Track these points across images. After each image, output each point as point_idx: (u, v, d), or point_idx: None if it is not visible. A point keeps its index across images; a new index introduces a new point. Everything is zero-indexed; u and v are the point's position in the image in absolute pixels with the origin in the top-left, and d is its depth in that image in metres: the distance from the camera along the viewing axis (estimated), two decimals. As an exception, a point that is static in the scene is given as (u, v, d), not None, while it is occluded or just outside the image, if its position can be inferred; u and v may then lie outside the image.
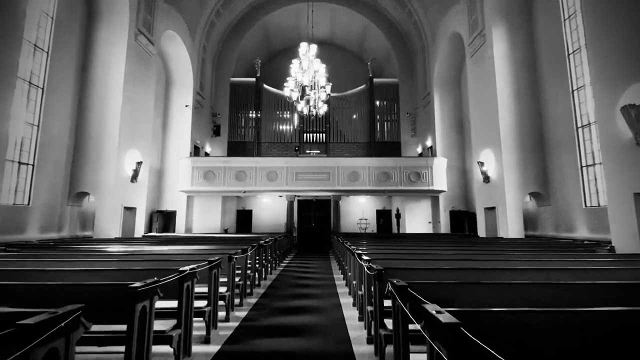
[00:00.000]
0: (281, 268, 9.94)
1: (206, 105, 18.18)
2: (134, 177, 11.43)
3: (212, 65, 18.80)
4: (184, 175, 14.60)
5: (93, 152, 10.59)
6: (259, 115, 19.39)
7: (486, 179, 11.42)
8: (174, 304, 3.38)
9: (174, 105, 16.34)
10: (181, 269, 3.07)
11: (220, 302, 4.63)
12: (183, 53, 15.67)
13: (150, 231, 14.94)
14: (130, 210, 11.63)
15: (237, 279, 5.31)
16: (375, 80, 19.52)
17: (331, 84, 9.82)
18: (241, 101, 19.59)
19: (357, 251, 4.83)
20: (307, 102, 9.28)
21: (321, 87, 9.61)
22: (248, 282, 6.25)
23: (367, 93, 19.76)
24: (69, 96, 10.52)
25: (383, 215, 19.20)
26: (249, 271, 6.25)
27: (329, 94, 9.67)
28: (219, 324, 4.31)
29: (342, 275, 8.56)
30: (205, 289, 4.06)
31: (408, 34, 18.78)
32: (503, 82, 10.93)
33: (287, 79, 8.88)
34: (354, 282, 5.31)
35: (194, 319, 3.50)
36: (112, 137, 10.65)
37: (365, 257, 4.06)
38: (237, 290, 5.31)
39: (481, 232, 11.95)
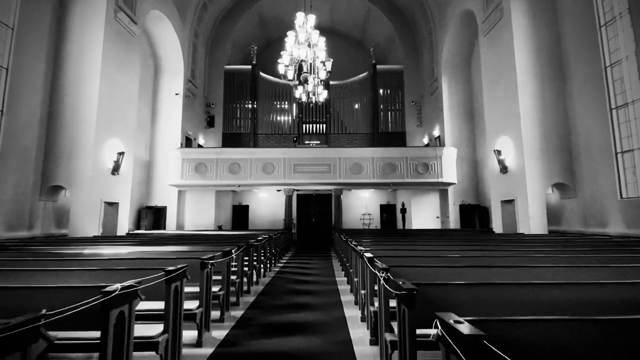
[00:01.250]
0: (277, 268, 8.92)
1: (199, 94, 17.08)
2: (116, 169, 10.37)
3: (204, 52, 17.67)
4: (174, 168, 13.56)
5: (67, 141, 9.53)
6: (255, 105, 18.29)
7: (503, 169, 10.34)
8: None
9: (163, 94, 15.26)
10: (107, 289, 2.02)
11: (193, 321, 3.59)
12: (172, 37, 14.55)
13: (138, 228, 13.94)
14: (112, 206, 10.59)
15: (216, 289, 4.26)
16: (378, 67, 18.37)
17: (332, 60, 8.69)
18: (236, 90, 18.48)
19: (366, 254, 3.77)
20: (305, 80, 8.18)
21: (320, 62, 8.50)
22: (233, 289, 5.22)
23: (369, 81, 18.63)
24: (40, 78, 9.44)
25: (387, 210, 18.16)
26: (234, 277, 5.21)
27: (329, 72, 8.56)
28: (186, 352, 3.27)
29: (345, 278, 7.53)
30: (159, 305, 2.99)
31: (414, 17, 17.59)
32: (524, 60, 9.81)
33: (282, 53, 7.77)
34: (363, 292, 4.27)
35: (138, 353, 2.46)
36: (88, 123, 9.58)
37: (380, 265, 2.99)
38: (218, 300, 4.28)
39: (497, 227, 10.90)
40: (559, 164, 9.49)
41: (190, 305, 3.45)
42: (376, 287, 3.22)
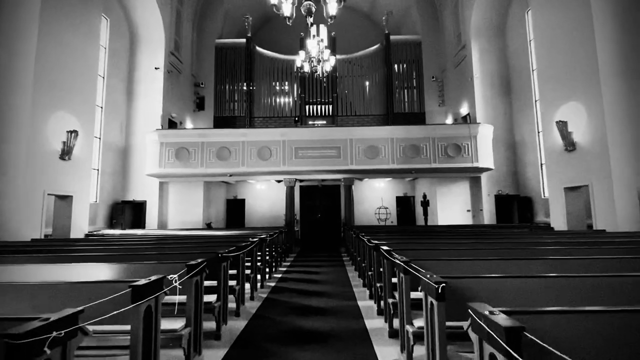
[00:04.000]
0: (274, 281, 6.58)
1: (185, 71, 14.71)
2: (66, 153, 8.07)
3: (192, 24, 15.27)
4: (152, 154, 11.24)
5: (-6, 114, 7.21)
6: (251, 84, 15.88)
7: (569, 145, 7.88)
8: None
9: (142, 70, 12.93)
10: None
11: None
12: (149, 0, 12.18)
13: (112, 226, 11.68)
14: (63, 200, 8.31)
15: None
16: (392, 37, 15.86)
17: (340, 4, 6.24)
18: (229, 68, 16.09)
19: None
20: (309, 12, 5.78)
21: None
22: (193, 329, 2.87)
23: (382, 54, 16.13)
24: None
25: (403, 203, 15.73)
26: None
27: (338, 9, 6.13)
28: None
29: (365, 289, 5.20)
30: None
31: (434, -23, 15.04)
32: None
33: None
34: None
35: None
36: (22, 89, 7.25)
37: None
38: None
39: (558, 222, 8.46)
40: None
41: None
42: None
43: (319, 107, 15.49)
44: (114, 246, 5.10)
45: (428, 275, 2.25)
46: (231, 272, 4.55)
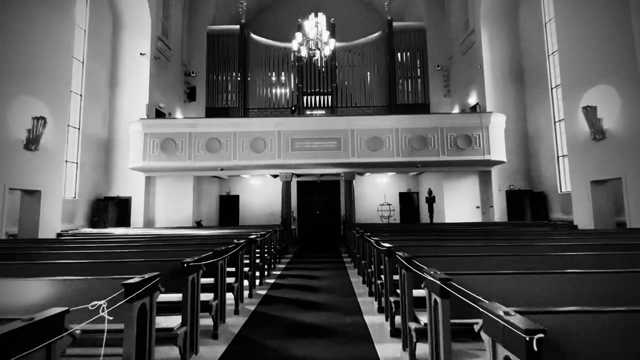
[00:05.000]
0: (266, 287, 5.72)
1: (175, 59, 13.79)
2: (32, 143, 7.15)
3: (182, 7, 14.34)
4: (135, 145, 10.34)
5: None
6: (245, 74, 14.96)
7: (598, 133, 7.02)
8: None
9: (126, 55, 11.99)
10: None
11: None
12: (132, -23, 11.24)
13: (94, 225, 10.79)
14: (30, 196, 7.40)
15: None
16: (395, 24, 14.94)
17: None
18: (222, 56, 15.14)
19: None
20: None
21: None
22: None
23: (384, 42, 15.22)
24: None
25: (406, 200, 14.88)
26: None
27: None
28: None
29: (372, 301, 4.33)
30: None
31: (440, -42, 14.12)
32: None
33: None
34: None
35: None
36: (-24, 70, 6.33)
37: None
38: None
39: (583, 219, 7.62)
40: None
41: None
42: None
43: (317, 97, 14.59)
44: (72, 250, 4.22)
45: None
46: (208, 280, 3.68)
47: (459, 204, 12.00)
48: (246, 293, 5.03)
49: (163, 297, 3.00)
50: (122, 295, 1.90)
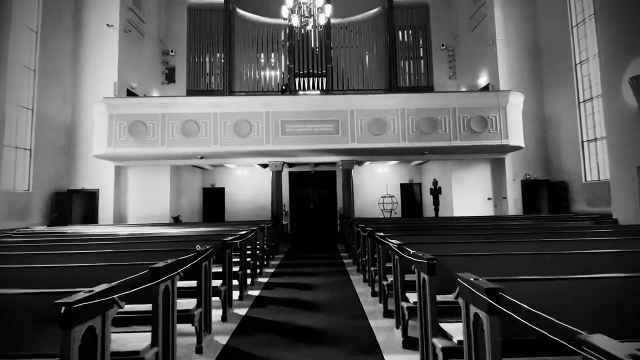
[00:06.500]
0: (248, 304, 4.43)
1: (150, 35, 12.27)
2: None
3: (158, -22, 12.76)
4: (99, 129, 8.88)
5: None
6: (231, 55, 13.48)
7: (650, 109, 5.84)
8: None
9: (91, 27, 10.47)
10: None
11: None
12: None
13: (53, 222, 9.33)
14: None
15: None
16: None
17: None
18: (205, 34, 13.62)
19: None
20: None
21: None
22: None
23: (383, 19, 13.87)
24: None
25: (408, 192, 13.69)
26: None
27: None
28: None
29: (388, 323, 3.07)
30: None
31: None
32: None
33: None
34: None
35: None
36: None
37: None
38: None
39: (625, 212, 6.47)
40: None
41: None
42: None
43: (310, 80, 13.17)
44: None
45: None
46: (141, 309, 2.37)
47: (468, 195, 10.83)
48: (217, 316, 3.71)
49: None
50: None
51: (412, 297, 2.90)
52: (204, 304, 3.00)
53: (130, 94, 10.82)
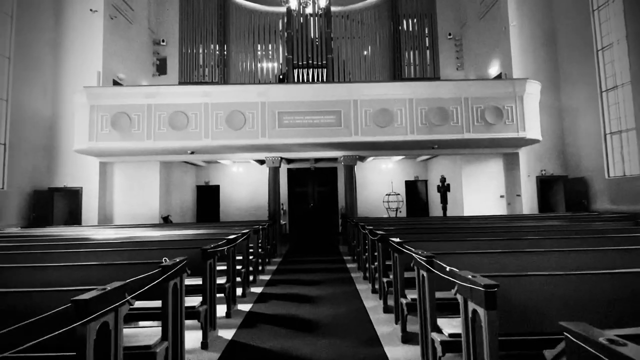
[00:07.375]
0: (237, 323, 3.72)
1: (140, 23, 11.53)
2: None
3: (147, -38, 11.99)
4: (80, 122, 8.14)
5: None
6: (226, 46, 12.75)
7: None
8: None
9: (73, 14, 9.74)
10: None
11: None
12: None
13: (32, 223, 8.61)
14: None
15: None
16: (400, -15, 12.84)
17: None
18: (199, 22, 12.88)
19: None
20: None
21: None
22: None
23: (387, 7, 13.16)
24: None
25: (413, 190, 12.97)
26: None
27: None
28: None
29: (412, 350, 2.39)
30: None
31: None
32: None
33: None
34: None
35: None
36: None
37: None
38: None
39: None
40: None
41: None
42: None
43: (309, 71, 12.41)
44: None
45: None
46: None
47: (479, 193, 10.11)
48: (193, 342, 2.99)
49: None
50: None
51: (443, 323, 2.20)
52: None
53: (118, 84, 10.08)
